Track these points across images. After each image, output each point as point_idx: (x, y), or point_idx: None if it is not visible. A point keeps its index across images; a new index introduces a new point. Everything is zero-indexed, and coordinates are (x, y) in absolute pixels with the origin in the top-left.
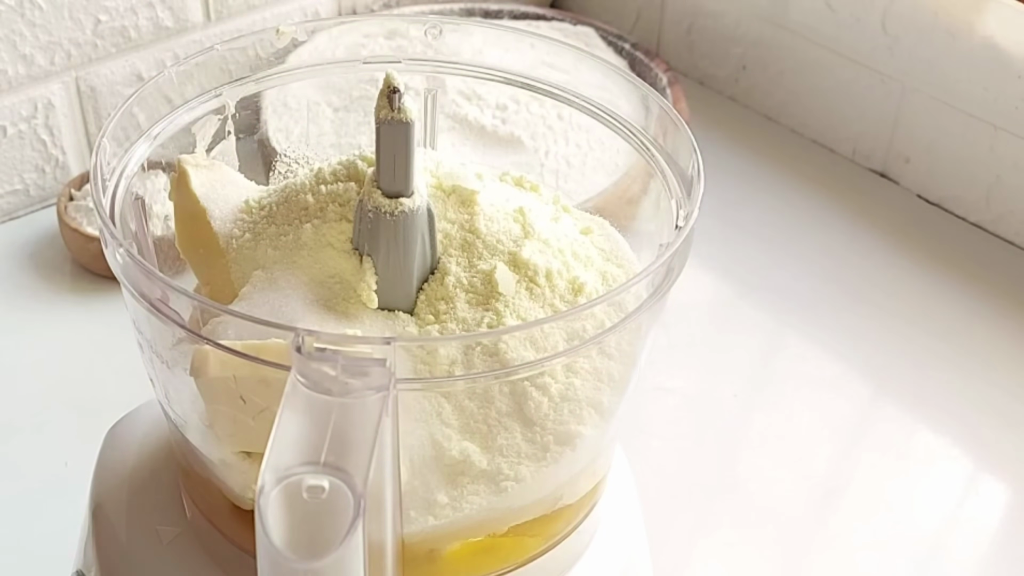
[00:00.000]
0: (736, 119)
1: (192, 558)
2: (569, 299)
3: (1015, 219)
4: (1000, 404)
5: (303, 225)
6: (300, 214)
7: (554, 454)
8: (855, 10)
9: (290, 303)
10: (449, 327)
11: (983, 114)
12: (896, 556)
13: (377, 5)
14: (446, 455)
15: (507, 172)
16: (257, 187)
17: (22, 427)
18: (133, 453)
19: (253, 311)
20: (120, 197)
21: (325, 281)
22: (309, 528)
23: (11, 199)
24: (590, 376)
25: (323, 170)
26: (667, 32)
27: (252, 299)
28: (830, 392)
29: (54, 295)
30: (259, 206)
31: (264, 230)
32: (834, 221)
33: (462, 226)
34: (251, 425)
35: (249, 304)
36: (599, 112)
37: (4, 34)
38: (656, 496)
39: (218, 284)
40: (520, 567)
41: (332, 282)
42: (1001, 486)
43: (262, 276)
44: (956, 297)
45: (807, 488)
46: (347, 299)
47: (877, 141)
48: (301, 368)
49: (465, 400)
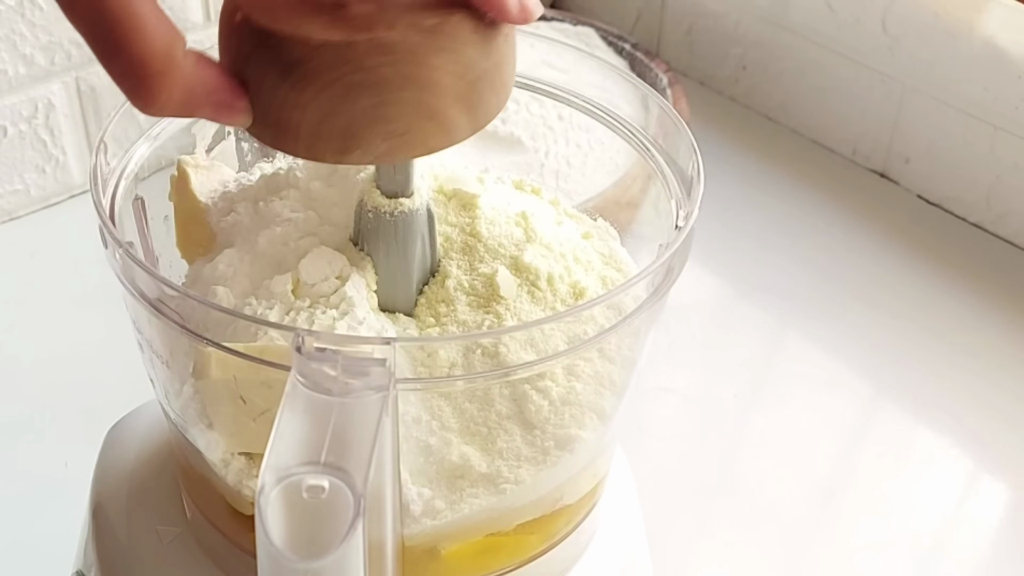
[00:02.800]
0: (736, 119)
1: (192, 558)
2: (570, 303)
3: (1015, 219)
4: (1000, 404)
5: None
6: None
7: (554, 457)
8: (855, 10)
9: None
10: (449, 329)
11: (983, 114)
12: (896, 556)
13: None
14: (446, 459)
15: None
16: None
17: (22, 427)
18: (133, 453)
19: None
20: (120, 197)
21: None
22: (309, 528)
23: (11, 199)
24: (591, 379)
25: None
26: (667, 32)
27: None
28: (830, 392)
29: (54, 295)
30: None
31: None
32: (834, 221)
33: (463, 230)
34: (252, 426)
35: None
36: (599, 112)
37: (4, 34)
38: (656, 496)
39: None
40: (520, 567)
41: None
42: (1001, 486)
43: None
44: (956, 297)
45: (807, 488)
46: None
47: (877, 141)
48: (301, 368)
49: (465, 403)
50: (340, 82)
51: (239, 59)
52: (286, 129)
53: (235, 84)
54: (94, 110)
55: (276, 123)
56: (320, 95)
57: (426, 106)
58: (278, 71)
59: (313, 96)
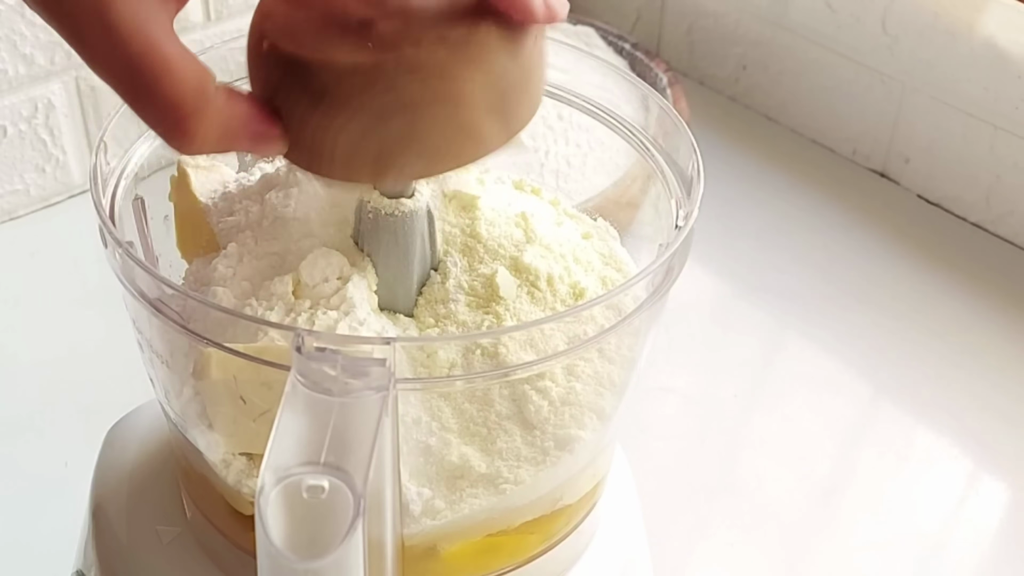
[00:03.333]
0: (736, 119)
1: (192, 558)
2: (570, 304)
3: (1015, 219)
4: (1000, 404)
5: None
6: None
7: (553, 458)
8: (855, 10)
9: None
10: (449, 330)
11: (983, 114)
12: (896, 556)
13: None
14: (445, 460)
15: (502, 175)
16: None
17: (22, 427)
18: (133, 453)
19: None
20: (120, 197)
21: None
22: (309, 528)
23: (11, 199)
24: (591, 379)
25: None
26: (667, 32)
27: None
28: (830, 392)
29: (54, 295)
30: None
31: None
32: (834, 221)
33: (463, 230)
34: (252, 427)
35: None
36: (599, 112)
37: (4, 34)
38: (656, 496)
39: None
40: (520, 567)
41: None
42: (1001, 486)
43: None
44: (956, 297)
45: (807, 488)
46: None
47: (877, 141)
48: (301, 368)
49: (465, 403)
50: (372, 104)
51: (269, 87)
52: (320, 153)
53: (268, 113)
54: (94, 110)
55: (311, 148)
56: (352, 120)
57: (459, 120)
58: (309, 98)
59: (346, 121)
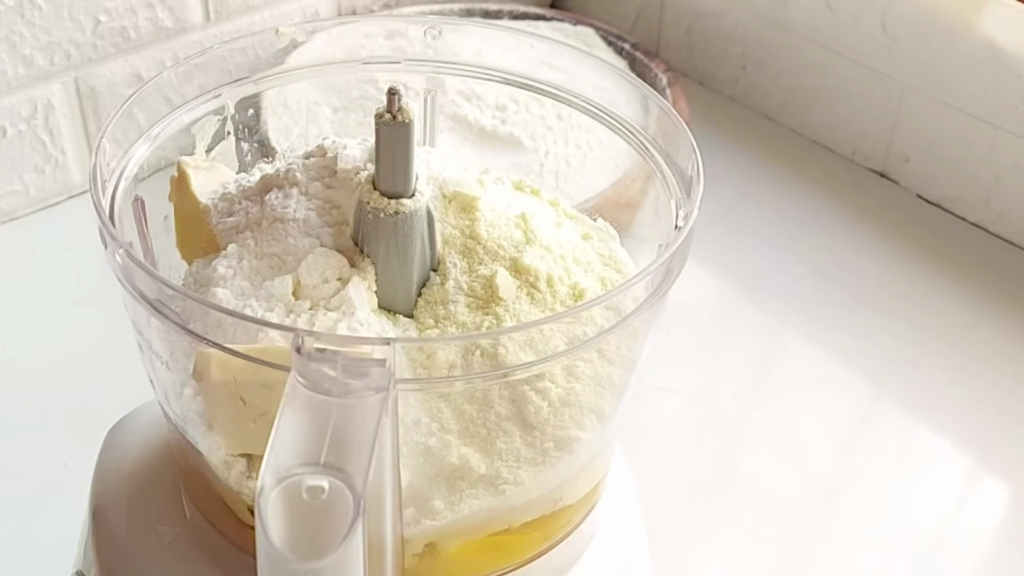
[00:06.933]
0: (736, 119)
1: (192, 558)
2: (570, 305)
3: (1015, 219)
4: (1000, 404)
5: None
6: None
7: (553, 458)
8: (855, 10)
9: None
10: (449, 331)
11: (983, 114)
12: (896, 556)
13: (377, 5)
14: (445, 460)
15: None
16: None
17: (22, 427)
18: (133, 453)
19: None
20: (120, 198)
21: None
22: (309, 528)
23: (11, 199)
24: (590, 380)
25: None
26: (667, 32)
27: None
28: (830, 392)
29: (53, 295)
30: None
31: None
32: (834, 221)
33: (463, 231)
34: (252, 428)
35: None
36: (599, 112)
37: (4, 34)
38: (656, 496)
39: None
40: (520, 567)
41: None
42: (1001, 486)
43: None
44: (956, 297)
45: (807, 488)
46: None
47: (877, 141)
48: (301, 368)
49: (464, 404)
50: None
51: None
52: None
53: None
54: (94, 110)
55: None
56: None
57: None
58: None
59: None
